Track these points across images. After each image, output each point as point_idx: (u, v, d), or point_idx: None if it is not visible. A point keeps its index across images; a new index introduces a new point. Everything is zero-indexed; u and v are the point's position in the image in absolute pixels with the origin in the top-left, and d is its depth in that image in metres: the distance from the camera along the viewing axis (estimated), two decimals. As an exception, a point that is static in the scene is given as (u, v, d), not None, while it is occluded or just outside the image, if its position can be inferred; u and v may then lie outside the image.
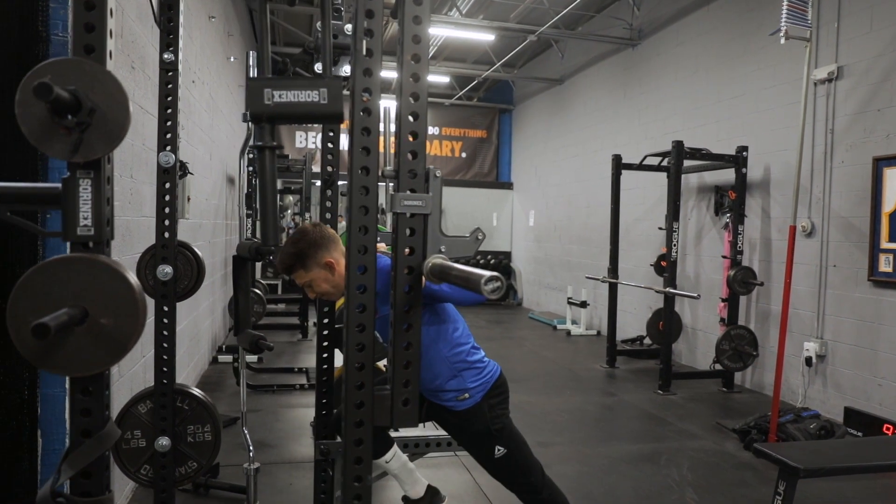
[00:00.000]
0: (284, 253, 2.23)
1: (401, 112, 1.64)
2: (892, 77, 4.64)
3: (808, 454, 3.01)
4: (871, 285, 4.73)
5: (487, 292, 1.23)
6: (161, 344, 2.60)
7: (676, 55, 7.30)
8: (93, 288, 1.43)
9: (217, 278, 6.77)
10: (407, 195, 1.65)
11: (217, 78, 6.51)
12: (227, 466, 3.55)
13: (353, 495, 1.70)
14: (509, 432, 2.34)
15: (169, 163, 2.54)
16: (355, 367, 1.66)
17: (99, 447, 1.53)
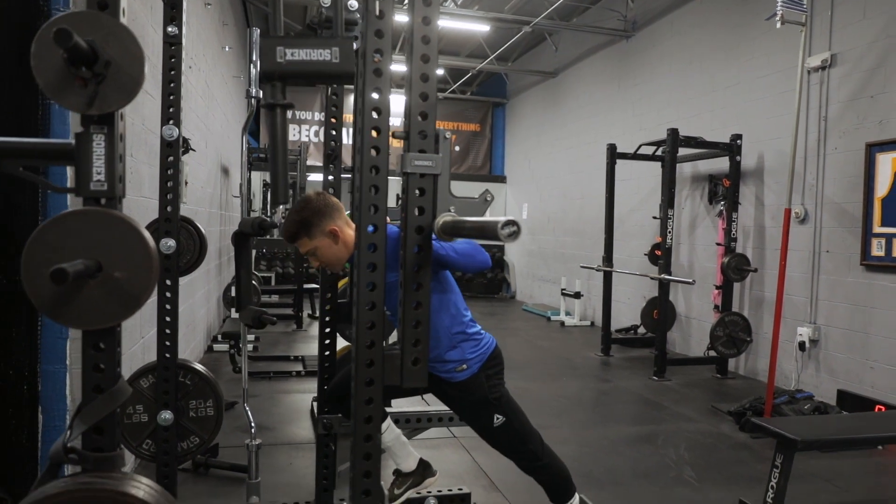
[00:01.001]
0: (289, 221, 2.24)
1: (411, 73, 1.65)
2: (885, 64, 4.70)
3: (805, 428, 3.05)
4: (863, 269, 4.78)
5: (504, 236, 1.24)
6: (164, 318, 2.60)
7: (671, 46, 7.35)
8: (107, 241, 1.44)
9: (212, 267, 6.75)
10: (417, 155, 1.66)
11: (212, 67, 6.49)
12: (226, 447, 3.55)
13: (363, 454, 1.71)
14: (507, 401, 2.36)
15: (172, 136, 2.54)
16: (366, 326, 1.67)
17: (111, 403, 1.54)
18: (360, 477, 1.66)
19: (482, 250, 2.18)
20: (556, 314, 9.25)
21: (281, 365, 5.66)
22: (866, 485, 3.46)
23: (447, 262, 2.09)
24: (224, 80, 7.57)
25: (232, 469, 3.28)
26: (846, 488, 3.39)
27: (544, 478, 2.44)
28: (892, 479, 3.59)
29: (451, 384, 2.32)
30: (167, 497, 1.56)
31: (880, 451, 3.99)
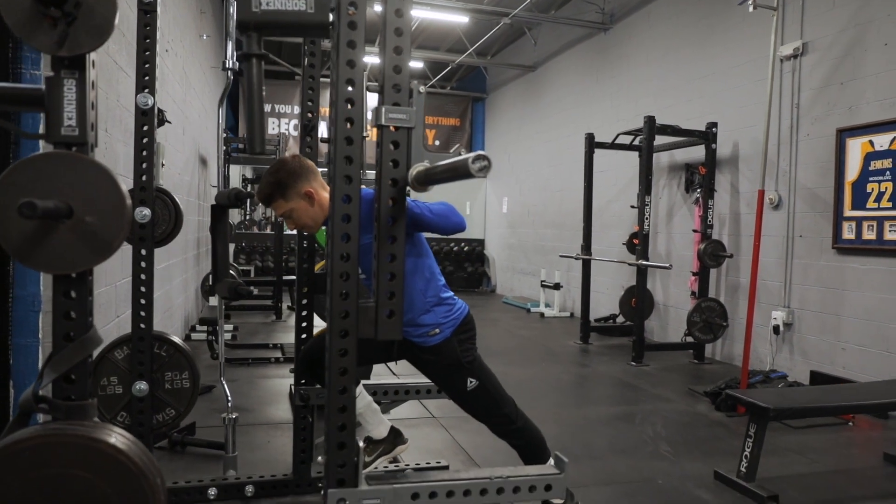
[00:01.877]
0: (264, 182, 2.23)
1: (385, 24, 1.66)
2: (854, 51, 4.80)
3: (776, 398, 3.11)
4: (835, 253, 4.88)
5: (476, 170, 1.26)
6: (139, 288, 2.58)
7: (647, 38, 7.43)
8: (78, 185, 1.43)
9: (190, 257, 6.69)
10: (391, 108, 1.67)
11: (190, 55, 6.44)
12: (203, 428, 3.53)
13: (338, 407, 1.72)
14: (479, 365, 2.38)
15: (147, 104, 2.53)
16: (339, 276, 1.68)
17: (82, 351, 1.53)
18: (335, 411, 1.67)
19: (457, 212, 2.20)
20: (536, 306, 9.30)
21: (260, 352, 5.63)
22: (836, 456, 3.53)
23: (422, 221, 2.10)
24: (202, 70, 7.51)
25: (209, 446, 3.26)
26: (817, 460, 3.45)
27: (519, 442, 2.46)
28: (860, 451, 3.67)
29: (425, 348, 2.33)
30: (139, 446, 1.55)
31: (850, 427, 4.07)
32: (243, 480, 2.76)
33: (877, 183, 4.56)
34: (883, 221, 4.50)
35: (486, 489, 1.85)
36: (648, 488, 3.03)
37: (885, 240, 4.48)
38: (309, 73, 2.72)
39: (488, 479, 1.86)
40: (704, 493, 2.97)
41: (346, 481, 1.72)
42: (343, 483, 1.72)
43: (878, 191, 4.54)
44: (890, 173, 4.46)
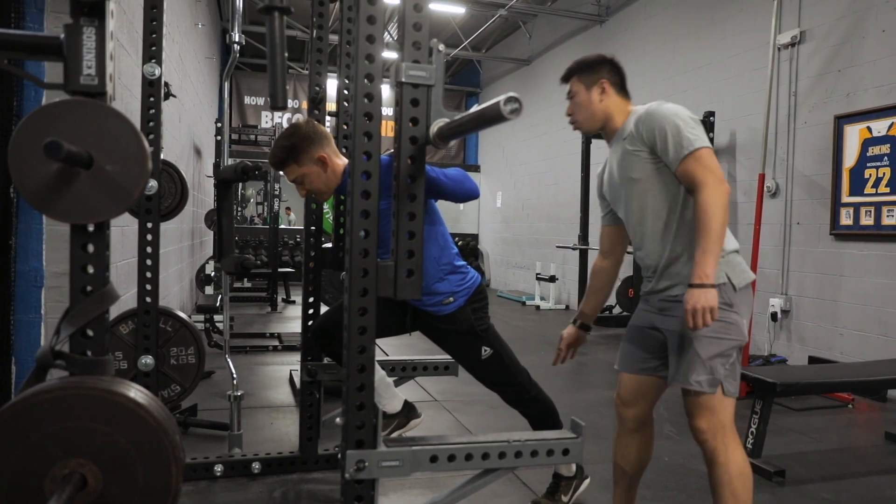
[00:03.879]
0: (277, 146, 2.21)
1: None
2: (851, 39, 4.83)
3: (781, 374, 3.12)
4: (832, 239, 4.91)
5: (507, 112, 1.25)
6: (144, 261, 2.55)
7: (644, 29, 7.46)
8: (99, 133, 1.40)
9: (185, 247, 6.64)
10: (411, 65, 1.66)
11: (186, 43, 6.39)
12: (204, 410, 3.50)
13: (357, 367, 1.70)
14: (494, 333, 2.37)
15: (154, 74, 2.51)
16: (359, 233, 1.67)
17: (99, 305, 1.50)
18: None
19: (471, 178, 2.19)
20: (531, 299, 9.31)
21: (257, 341, 5.59)
22: (838, 436, 3.55)
23: (436, 185, 2.08)
24: (197, 59, 7.46)
25: (212, 427, 3.23)
26: (819, 439, 3.47)
27: (532, 411, 2.46)
28: (860, 431, 3.69)
29: (439, 317, 2.32)
30: (158, 402, 1.53)
31: (850, 409, 4.10)
32: (250, 457, 2.73)
33: (874, 168, 4.59)
34: (881, 207, 4.54)
35: (505, 452, 1.84)
36: (655, 465, 3.02)
37: (882, 225, 4.52)
38: (317, 45, 2.70)
39: (506, 443, 1.84)
40: (711, 470, 2.97)
41: (364, 442, 1.70)
42: (362, 444, 1.70)
43: (876, 176, 4.58)
44: (888, 158, 4.50)
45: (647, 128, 1.89)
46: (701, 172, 1.81)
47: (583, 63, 2.05)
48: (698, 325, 1.75)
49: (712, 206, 1.77)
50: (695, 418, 1.93)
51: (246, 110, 11.64)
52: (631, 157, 1.94)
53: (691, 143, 1.83)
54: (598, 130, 2.06)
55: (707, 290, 1.74)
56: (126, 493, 1.44)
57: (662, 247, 1.93)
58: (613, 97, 2.02)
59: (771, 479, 2.85)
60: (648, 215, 1.94)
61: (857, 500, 2.69)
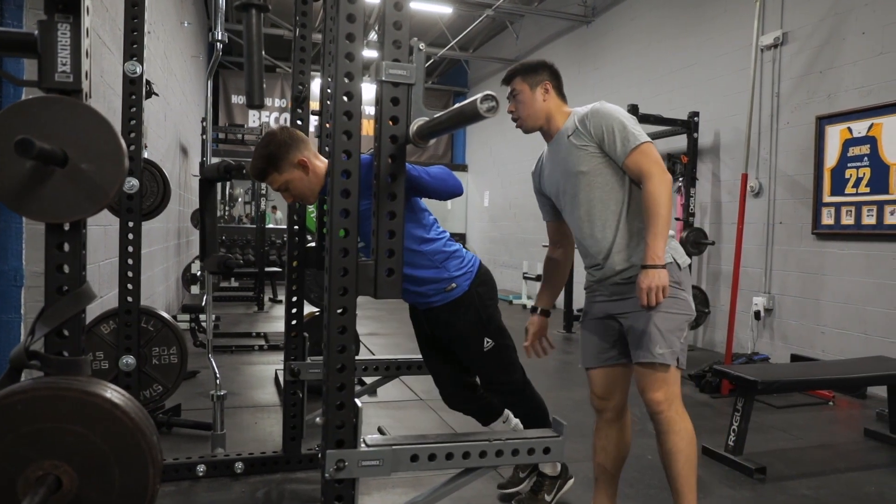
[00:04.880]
0: (256, 157, 2.19)
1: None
2: (833, 40, 4.88)
3: (762, 372, 3.15)
4: (814, 238, 4.96)
5: (484, 111, 1.25)
6: (126, 260, 2.54)
7: (630, 30, 7.49)
8: (74, 131, 1.39)
9: (171, 246, 6.60)
10: (391, 64, 1.66)
11: (171, 41, 6.34)
12: (188, 410, 3.48)
13: (337, 367, 1.70)
14: (498, 326, 2.37)
15: (135, 73, 2.49)
16: (339, 233, 1.66)
17: (75, 305, 1.49)
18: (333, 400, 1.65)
19: (454, 176, 2.19)
20: (518, 298, 9.33)
21: (243, 340, 5.57)
22: (818, 433, 3.59)
23: (419, 183, 2.08)
24: (183, 58, 7.40)
25: (195, 427, 3.21)
26: (800, 436, 3.51)
27: (525, 409, 2.46)
28: (841, 428, 3.73)
29: (443, 307, 2.31)
30: (135, 402, 1.52)
31: (830, 406, 4.14)
32: (233, 457, 2.72)
33: (855, 169, 4.65)
34: (861, 206, 4.59)
35: (486, 451, 1.84)
36: (639, 464, 3.05)
37: (862, 224, 4.57)
38: (300, 44, 2.69)
39: (487, 442, 1.85)
40: (693, 467, 2.99)
41: (344, 442, 1.70)
42: (342, 444, 1.70)
43: (857, 176, 4.63)
44: (868, 159, 4.55)
45: (595, 124, 2.04)
46: (647, 164, 1.99)
47: (526, 65, 2.18)
48: (652, 302, 1.91)
49: (660, 195, 1.95)
50: (652, 391, 2.04)
51: (233, 109, 11.58)
52: (578, 152, 2.06)
53: (636, 139, 2.01)
54: (537, 129, 2.20)
55: (659, 270, 1.92)
56: (102, 496, 1.43)
57: (612, 234, 2.07)
58: (554, 99, 2.17)
59: (752, 476, 2.88)
60: (597, 205, 2.07)
61: (837, 496, 2.72)
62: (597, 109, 2.06)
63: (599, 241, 2.08)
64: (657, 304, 1.92)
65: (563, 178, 2.13)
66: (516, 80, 2.17)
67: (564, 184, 2.13)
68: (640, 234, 2.05)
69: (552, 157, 2.20)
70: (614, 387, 2.20)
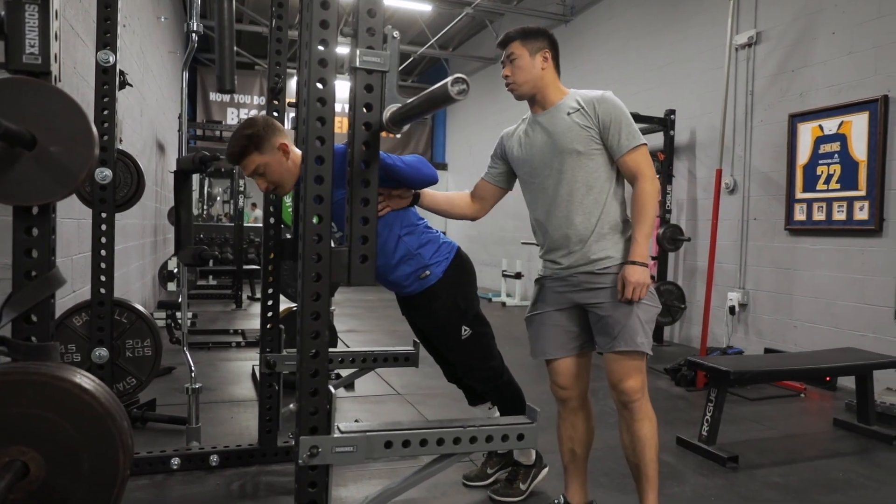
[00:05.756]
0: (237, 137, 2.18)
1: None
2: (804, 40, 4.97)
3: (735, 363, 3.20)
4: (787, 234, 5.05)
5: (455, 93, 1.26)
6: (98, 252, 2.51)
7: (607, 29, 7.56)
8: (43, 114, 1.38)
9: (147, 243, 6.52)
10: (365, 51, 1.67)
11: (147, 36, 6.28)
12: (163, 405, 3.45)
13: (311, 353, 1.70)
14: (476, 313, 2.38)
15: (109, 62, 2.47)
16: (312, 219, 1.66)
17: (43, 290, 1.48)
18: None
19: (429, 164, 2.20)
20: (497, 296, 9.36)
21: (220, 337, 5.53)
22: (790, 423, 3.65)
23: (394, 171, 2.09)
24: (160, 54, 7.33)
25: (170, 421, 3.18)
26: (772, 427, 3.57)
27: (503, 397, 2.48)
28: (811, 419, 3.81)
29: (419, 295, 2.32)
30: (105, 388, 1.51)
31: (801, 398, 4.22)
32: (208, 450, 2.71)
33: (826, 165, 4.74)
34: (832, 202, 4.68)
35: (460, 437, 1.85)
36: (613, 455, 3.08)
37: (833, 220, 4.66)
38: (276, 35, 2.68)
39: (461, 428, 1.85)
40: (668, 457, 3.04)
41: (318, 429, 1.70)
42: (315, 430, 1.70)
43: (828, 173, 4.72)
44: (838, 156, 4.64)
45: (604, 111, 2.04)
46: (643, 165, 2.03)
47: (527, 30, 2.13)
48: (635, 297, 1.97)
49: (651, 196, 2.01)
50: (628, 380, 2.07)
51: (211, 106, 11.48)
52: (580, 132, 2.04)
53: (639, 138, 2.05)
54: (531, 96, 2.15)
55: (645, 269, 1.99)
56: (71, 481, 1.42)
57: (594, 221, 2.06)
58: (552, 70, 2.14)
59: (725, 464, 2.92)
60: (582, 188, 2.06)
61: (805, 482, 2.78)
62: (608, 98, 2.06)
63: (577, 225, 2.06)
64: (638, 299, 1.98)
65: (551, 153, 2.08)
66: (515, 44, 2.11)
67: (551, 158, 2.08)
68: (618, 229, 2.07)
69: (540, 130, 2.13)
70: (579, 375, 2.22)
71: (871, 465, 3.02)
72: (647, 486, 2.12)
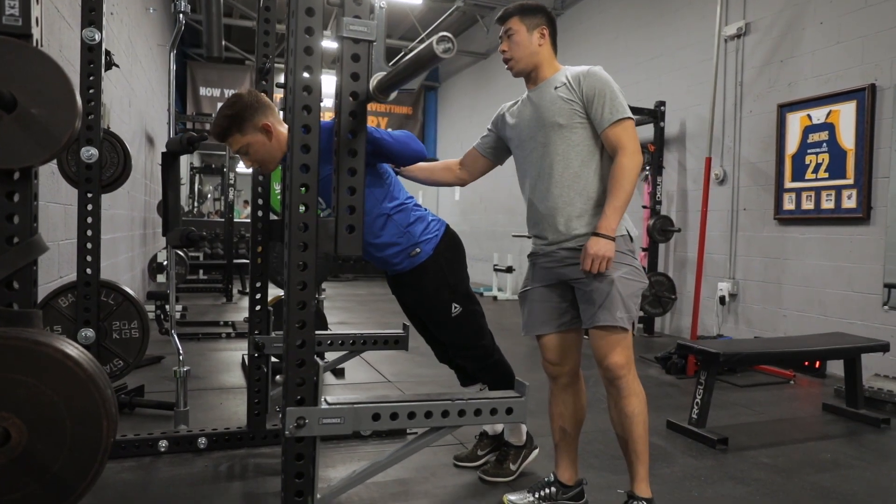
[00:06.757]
0: (220, 116, 2.16)
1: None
2: (792, 30, 5.00)
3: (724, 346, 3.21)
4: (776, 224, 5.07)
5: (441, 52, 1.25)
6: (84, 232, 2.49)
7: (597, 22, 7.58)
8: (23, 74, 1.37)
9: (136, 235, 6.48)
10: (352, 20, 1.66)
11: (136, 27, 6.23)
12: (151, 392, 3.42)
13: (297, 322, 1.69)
14: (466, 291, 2.37)
15: (94, 39, 2.44)
16: (299, 188, 1.65)
17: (25, 255, 1.46)
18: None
19: (417, 140, 2.20)
20: (489, 290, 9.36)
21: (210, 328, 5.49)
22: (779, 408, 3.67)
23: (382, 146, 2.08)
24: (149, 46, 7.28)
25: (159, 407, 3.16)
26: (762, 412, 3.58)
27: (494, 376, 2.47)
28: (800, 404, 3.82)
29: (408, 273, 2.32)
30: (88, 355, 1.49)
31: (791, 385, 4.24)
32: (196, 433, 2.68)
33: (814, 155, 4.76)
34: (820, 191, 4.70)
35: (448, 411, 1.84)
36: (603, 437, 3.08)
37: (822, 209, 4.68)
38: (264, 27, 2.67)
39: (450, 401, 1.85)
40: (658, 440, 3.04)
41: (305, 400, 1.69)
42: (302, 402, 1.69)
43: (816, 162, 4.74)
44: (826, 145, 4.66)
45: (588, 85, 2.03)
46: (626, 138, 2.01)
47: (525, 6, 2.13)
48: (594, 269, 1.96)
49: (630, 170, 1.99)
50: (612, 356, 2.06)
51: (201, 101, 11.42)
52: (563, 105, 2.04)
53: (623, 111, 2.03)
54: (529, 71, 2.15)
55: (609, 241, 1.96)
56: (53, 448, 1.40)
57: (576, 195, 2.06)
58: (548, 47, 2.13)
59: (714, 446, 2.93)
60: (560, 161, 2.06)
61: (793, 462, 2.79)
62: (594, 72, 2.05)
63: (558, 199, 2.06)
64: (602, 272, 1.96)
65: (537, 126, 2.09)
66: (513, 20, 2.10)
67: (536, 132, 2.10)
68: (601, 205, 2.05)
69: (530, 104, 2.15)
70: (569, 351, 2.22)
71: (860, 446, 3.04)
72: (637, 460, 2.12)
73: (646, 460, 2.13)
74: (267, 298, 2.72)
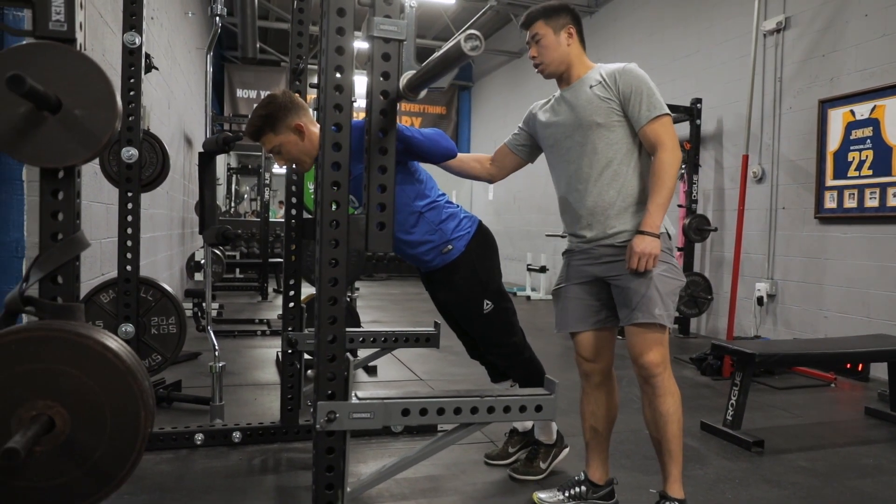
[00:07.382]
0: (254, 116, 2.21)
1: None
2: (835, 24, 4.87)
3: (760, 347, 3.15)
4: (817, 222, 4.94)
5: (469, 49, 1.26)
6: (125, 230, 2.56)
7: (632, 19, 7.49)
8: (68, 77, 1.42)
9: (175, 235, 6.64)
10: (383, 20, 1.67)
11: (175, 31, 6.39)
12: (188, 387, 3.50)
13: (329, 317, 1.71)
14: (498, 288, 2.38)
15: (134, 43, 2.51)
16: (330, 186, 1.68)
17: (69, 251, 1.52)
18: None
19: (448, 137, 2.21)
20: (522, 290, 9.33)
21: (246, 326, 5.60)
22: (819, 411, 3.58)
23: (413, 143, 2.10)
24: (187, 49, 7.45)
25: (195, 401, 3.23)
26: (800, 415, 3.50)
27: (524, 373, 2.47)
28: (841, 408, 3.72)
29: (441, 269, 2.34)
30: (127, 348, 1.54)
31: (832, 388, 4.13)
32: (230, 427, 2.74)
33: (857, 152, 4.63)
34: (864, 189, 4.57)
35: (477, 407, 1.85)
36: (635, 437, 3.06)
37: (865, 207, 4.55)
38: (298, 17, 2.71)
39: (479, 398, 1.86)
40: (692, 441, 3.00)
41: (335, 394, 1.72)
42: (333, 396, 1.72)
43: (859, 159, 4.61)
44: (870, 141, 4.53)
45: (625, 83, 2.01)
46: (664, 135, 1.99)
47: (548, 8, 2.12)
48: (641, 267, 1.95)
49: (671, 166, 1.97)
50: (649, 353, 2.05)
51: (238, 103, 11.65)
52: (600, 104, 2.03)
53: (661, 108, 2.02)
54: (560, 73, 2.14)
55: (654, 239, 1.95)
56: (94, 437, 1.45)
57: (614, 193, 2.04)
58: (577, 44, 2.12)
59: (750, 448, 2.88)
60: (600, 160, 2.05)
61: (833, 467, 2.72)
62: (630, 69, 2.04)
63: (597, 198, 2.05)
64: (645, 270, 1.95)
65: (574, 126, 2.08)
66: (538, 24, 2.10)
67: (573, 131, 2.08)
68: (639, 202, 2.05)
69: (564, 104, 2.13)
70: (603, 349, 2.21)
71: (903, 452, 2.95)
72: (670, 461, 2.10)
73: (679, 461, 2.11)
74: (300, 296, 2.77)
